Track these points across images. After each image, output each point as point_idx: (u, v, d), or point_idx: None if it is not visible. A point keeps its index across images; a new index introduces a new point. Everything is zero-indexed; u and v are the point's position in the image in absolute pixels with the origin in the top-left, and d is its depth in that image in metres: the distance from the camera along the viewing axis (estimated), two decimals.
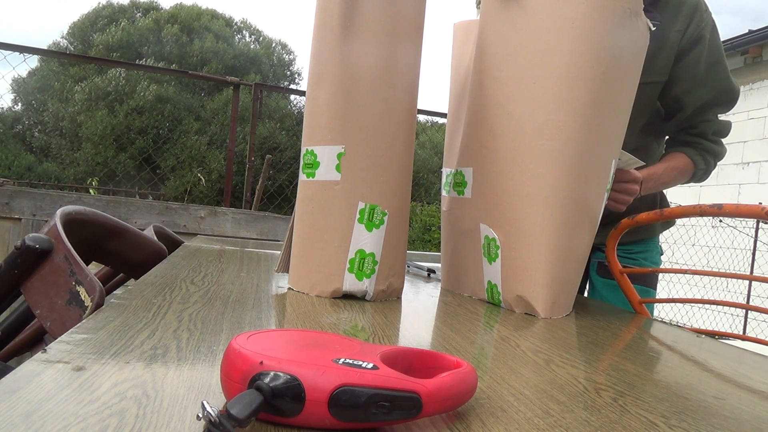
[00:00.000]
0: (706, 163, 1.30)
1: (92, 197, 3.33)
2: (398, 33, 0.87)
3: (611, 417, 0.45)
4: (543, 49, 0.88)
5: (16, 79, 12.69)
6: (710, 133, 1.29)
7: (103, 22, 15.28)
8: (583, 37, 0.87)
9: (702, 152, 1.29)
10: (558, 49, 0.87)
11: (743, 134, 6.49)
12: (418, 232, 8.99)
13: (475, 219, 0.99)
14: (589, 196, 0.93)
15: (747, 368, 0.70)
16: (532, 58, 0.89)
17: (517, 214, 0.91)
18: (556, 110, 0.88)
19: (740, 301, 6.16)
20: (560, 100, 0.87)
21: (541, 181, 0.89)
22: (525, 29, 0.90)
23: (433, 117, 5.23)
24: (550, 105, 0.88)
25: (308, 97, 0.90)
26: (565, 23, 0.87)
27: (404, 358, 0.44)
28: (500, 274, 0.94)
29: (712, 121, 1.28)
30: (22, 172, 12.35)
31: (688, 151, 1.29)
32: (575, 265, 0.94)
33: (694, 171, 1.30)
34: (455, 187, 1.06)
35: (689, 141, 1.30)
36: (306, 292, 0.88)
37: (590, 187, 0.92)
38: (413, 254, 1.74)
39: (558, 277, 0.90)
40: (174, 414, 0.37)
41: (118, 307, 0.64)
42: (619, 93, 0.92)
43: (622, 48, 0.90)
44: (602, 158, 0.94)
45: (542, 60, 0.88)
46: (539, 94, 0.89)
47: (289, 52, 17.11)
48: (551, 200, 0.88)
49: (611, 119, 0.92)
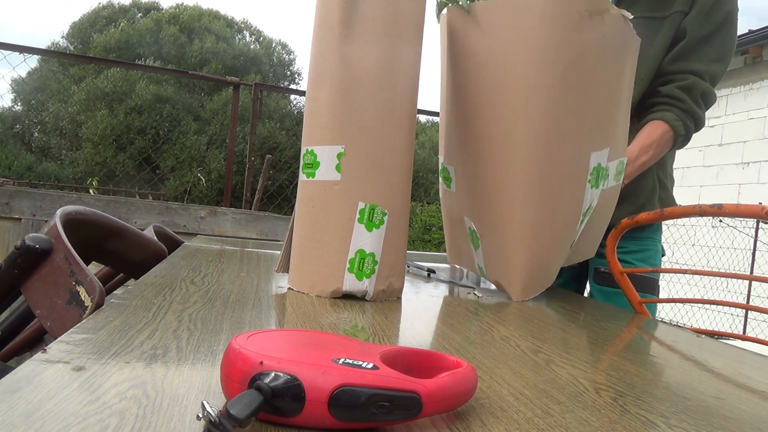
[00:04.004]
0: (686, 129, 1.25)
1: (92, 197, 3.33)
2: (398, 33, 0.87)
3: (611, 417, 0.45)
4: (501, 62, 0.95)
5: (15, 79, 12.69)
6: (699, 93, 1.24)
7: (102, 23, 15.28)
8: (535, 47, 0.93)
9: (683, 115, 1.24)
10: (514, 61, 0.94)
11: (743, 134, 6.50)
12: (418, 232, 8.99)
13: (460, 211, 1.11)
14: (561, 194, 0.99)
15: (747, 368, 0.70)
16: (493, 71, 0.96)
17: (492, 213, 1.01)
18: (515, 119, 0.94)
19: (740, 301, 6.16)
20: (518, 109, 0.94)
21: (512, 183, 0.96)
22: (485, 44, 0.96)
23: (433, 117, 5.24)
24: (510, 115, 0.95)
25: (308, 97, 0.90)
26: (518, 36, 0.93)
27: (404, 358, 0.44)
28: (483, 260, 1.06)
29: (704, 77, 1.24)
30: (22, 172, 12.36)
31: (668, 116, 1.24)
32: (549, 255, 1.02)
33: (674, 138, 1.25)
34: (444, 179, 1.15)
35: (674, 97, 1.25)
36: (306, 292, 0.88)
37: (562, 186, 0.99)
38: (413, 254, 1.74)
39: (529, 268, 1.00)
40: (174, 414, 0.37)
41: (118, 307, 0.64)
42: (590, 91, 0.97)
43: (584, 50, 0.94)
44: (574, 157, 1.00)
45: (501, 72, 0.95)
46: (501, 105, 0.95)
47: (289, 52, 17.13)
48: (522, 201, 0.96)
49: (582, 118, 0.98)
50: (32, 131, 14.66)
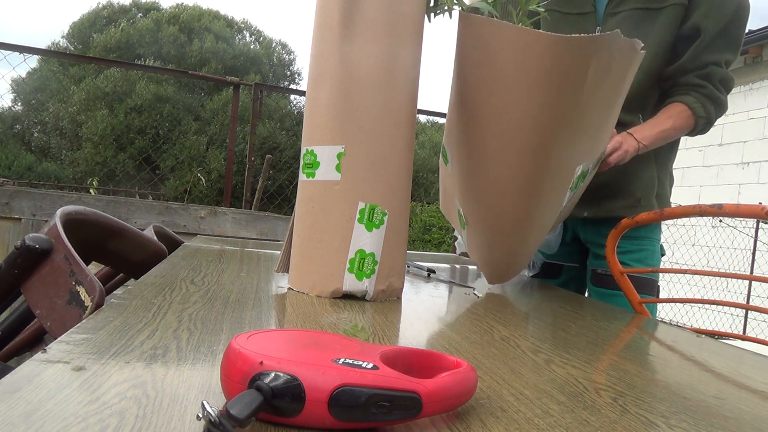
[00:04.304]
0: (706, 111, 1.24)
1: (92, 197, 3.33)
2: (398, 33, 0.87)
3: (611, 417, 0.45)
4: (502, 87, 0.94)
5: (15, 79, 12.69)
6: (717, 79, 1.25)
7: (102, 23, 15.28)
8: (536, 90, 0.92)
9: (703, 99, 1.24)
10: (513, 94, 0.94)
11: (743, 134, 6.49)
12: (418, 232, 8.99)
13: (452, 193, 1.17)
14: (545, 201, 1.05)
15: (747, 368, 0.70)
16: (496, 94, 0.96)
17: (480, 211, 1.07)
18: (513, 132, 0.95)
19: (740, 301, 6.16)
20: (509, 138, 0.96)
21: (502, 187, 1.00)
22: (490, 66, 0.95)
23: (433, 117, 5.24)
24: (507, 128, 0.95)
25: (308, 97, 0.90)
26: (521, 72, 0.92)
27: (404, 358, 0.44)
28: (466, 241, 1.18)
29: (721, 65, 1.25)
30: (22, 172, 12.35)
31: (687, 99, 1.25)
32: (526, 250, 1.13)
33: (695, 121, 1.25)
34: (443, 156, 1.18)
35: (693, 84, 1.25)
36: (306, 292, 0.88)
37: (549, 195, 1.04)
38: (413, 254, 1.74)
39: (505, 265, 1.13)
40: (174, 414, 0.37)
41: (118, 307, 0.64)
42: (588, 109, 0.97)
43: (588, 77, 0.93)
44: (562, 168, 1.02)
45: (500, 98, 0.95)
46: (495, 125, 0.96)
47: (289, 52, 17.12)
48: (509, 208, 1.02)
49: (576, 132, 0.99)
50: (32, 131, 14.65)
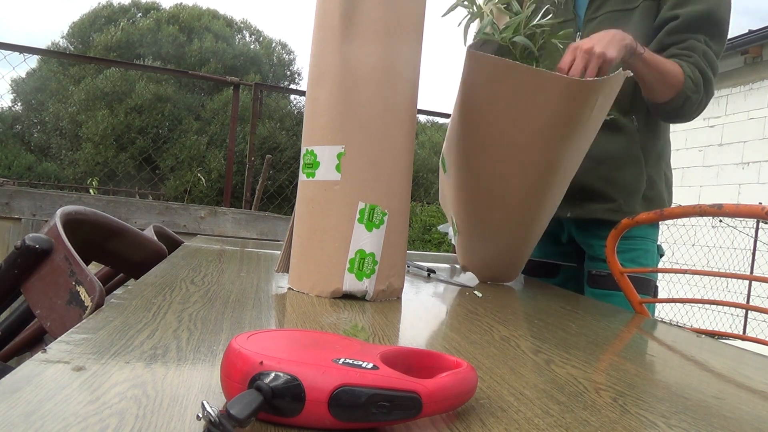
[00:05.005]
0: (693, 75, 1.18)
1: (92, 197, 3.33)
2: (398, 33, 0.87)
3: (611, 417, 0.45)
4: (513, 119, 0.99)
5: (15, 79, 12.69)
6: (701, 52, 1.20)
7: (102, 23, 15.28)
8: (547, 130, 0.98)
9: (691, 65, 1.19)
10: (521, 132, 0.99)
11: (743, 134, 6.49)
12: (418, 232, 8.99)
13: (448, 195, 1.22)
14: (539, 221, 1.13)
15: (747, 368, 0.70)
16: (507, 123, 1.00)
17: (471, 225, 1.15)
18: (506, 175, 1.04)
19: (740, 301, 6.16)
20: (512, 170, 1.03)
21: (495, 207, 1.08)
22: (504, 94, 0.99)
23: (433, 117, 5.23)
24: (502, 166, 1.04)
25: (308, 97, 0.90)
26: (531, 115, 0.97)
27: (404, 358, 0.44)
28: (456, 246, 1.26)
29: (700, 41, 1.20)
30: (22, 172, 12.35)
31: (676, 60, 1.19)
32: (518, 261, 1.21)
33: (683, 80, 1.17)
34: (442, 164, 1.24)
35: (677, 54, 1.20)
36: (306, 292, 0.88)
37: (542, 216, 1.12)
38: (413, 254, 1.73)
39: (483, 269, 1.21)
40: (174, 414, 0.37)
41: (118, 307, 0.64)
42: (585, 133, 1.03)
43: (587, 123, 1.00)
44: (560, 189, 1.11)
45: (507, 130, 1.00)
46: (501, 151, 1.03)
47: (289, 52, 17.12)
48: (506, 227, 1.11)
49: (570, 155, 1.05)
50: (32, 131, 14.65)
